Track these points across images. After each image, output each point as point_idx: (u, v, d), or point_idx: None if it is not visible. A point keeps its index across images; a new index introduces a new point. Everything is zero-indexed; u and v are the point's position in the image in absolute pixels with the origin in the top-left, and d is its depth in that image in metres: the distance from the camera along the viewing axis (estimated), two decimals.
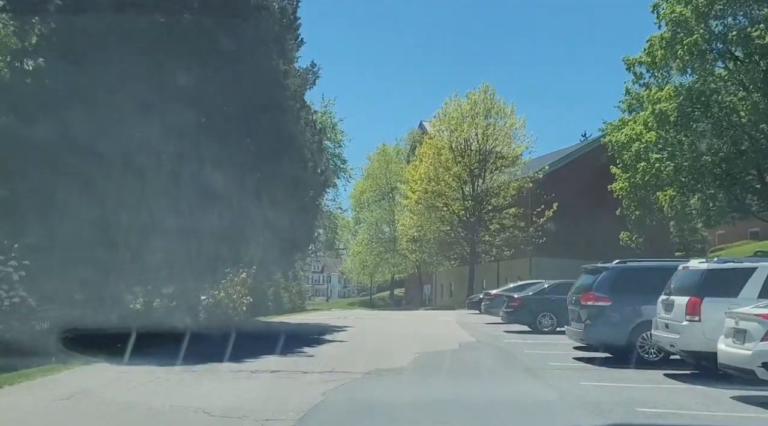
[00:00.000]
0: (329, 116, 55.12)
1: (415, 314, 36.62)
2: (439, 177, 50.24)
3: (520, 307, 21.57)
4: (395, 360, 13.94)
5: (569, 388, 10.44)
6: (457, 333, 21.82)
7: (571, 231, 52.23)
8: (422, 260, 56.90)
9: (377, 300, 73.80)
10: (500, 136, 49.97)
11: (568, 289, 22.12)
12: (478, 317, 31.26)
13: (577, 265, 47.35)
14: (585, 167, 54.19)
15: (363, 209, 63.71)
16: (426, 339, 19.20)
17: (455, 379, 12.13)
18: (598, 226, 52.79)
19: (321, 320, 29.34)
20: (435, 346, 17.14)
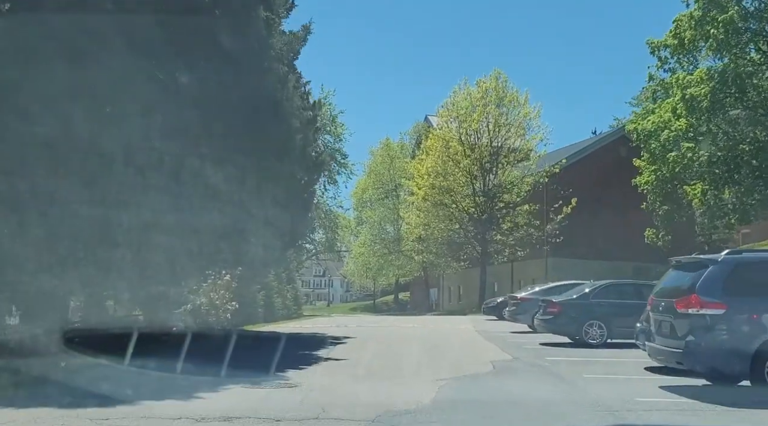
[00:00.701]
0: (328, 108, 50.81)
1: (424, 321, 32.21)
2: (448, 171, 45.90)
3: (561, 315, 17.12)
4: (412, 392, 9.54)
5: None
6: (484, 346, 17.42)
7: (590, 229, 47.92)
8: (429, 262, 52.45)
9: (381, 305, 69.34)
10: (513, 127, 45.63)
11: (619, 292, 17.84)
12: (498, 325, 26.89)
13: (597, 266, 43.13)
14: (604, 161, 49.89)
15: (365, 208, 59.30)
16: (447, 356, 14.88)
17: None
18: (620, 223, 48.46)
19: (317, 329, 24.94)
20: (462, 367, 12.76)
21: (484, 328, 24.40)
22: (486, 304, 32.28)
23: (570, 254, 48.15)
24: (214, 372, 10.37)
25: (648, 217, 46.48)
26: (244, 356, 12.28)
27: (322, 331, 23.32)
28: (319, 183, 51.68)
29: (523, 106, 45.50)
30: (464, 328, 24.95)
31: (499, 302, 31.57)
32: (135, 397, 9.09)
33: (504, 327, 25.02)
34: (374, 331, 23.83)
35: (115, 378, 10.33)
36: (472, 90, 45.80)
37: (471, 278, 55.44)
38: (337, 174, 51.46)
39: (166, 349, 12.41)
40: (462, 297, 58.59)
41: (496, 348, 16.57)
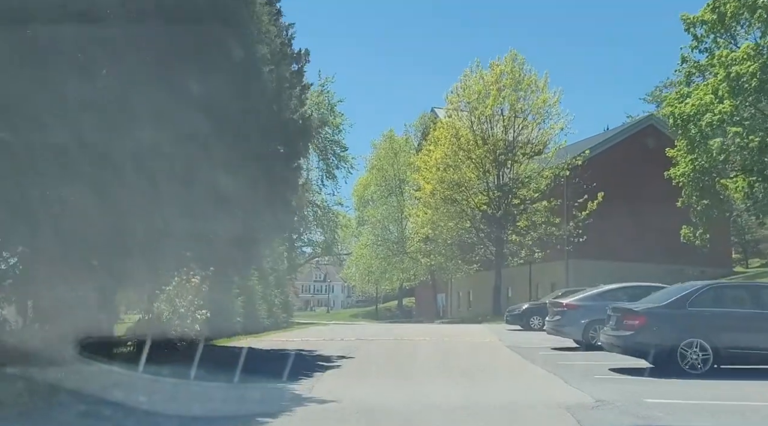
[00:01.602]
0: (327, 96, 45.70)
1: (436, 331, 26.96)
2: (458, 163, 40.75)
3: (645, 329, 11.68)
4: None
5: None
6: (534, 374, 12.19)
7: (616, 228, 42.70)
8: (437, 264, 47.14)
9: (384, 311, 64.03)
10: (531, 114, 40.48)
11: (730, 297, 12.56)
12: (529, 337, 21.72)
13: (625, 269, 37.86)
14: (630, 152, 44.67)
15: (367, 206, 53.99)
16: (491, 395, 9.64)
17: None
18: (649, 222, 43.26)
19: (306, 343, 19.73)
20: (524, 420, 7.55)
21: (514, 342, 19.14)
22: (509, 312, 27.02)
23: (593, 255, 42.98)
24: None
25: (680, 214, 41.41)
26: (187, 398, 7.21)
27: (311, 347, 18.08)
28: (317, 178, 46.62)
29: (542, 91, 40.35)
30: (490, 343, 19.72)
31: (525, 309, 26.38)
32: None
33: (538, 340, 19.85)
34: (377, 347, 18.60)
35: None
36: (484, 73, 40.69)
37: (482, 282, 50.20)
38: (335, 168, 46.28)
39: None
40: (472, 303, 53.26)
41: (556, 378, 11.28)
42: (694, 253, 43.54)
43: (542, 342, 19.33)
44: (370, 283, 58.42)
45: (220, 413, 8.02)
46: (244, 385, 9.94)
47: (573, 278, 43.67)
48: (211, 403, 8.48)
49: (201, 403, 8.46)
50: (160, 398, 8.76)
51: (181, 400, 8.71)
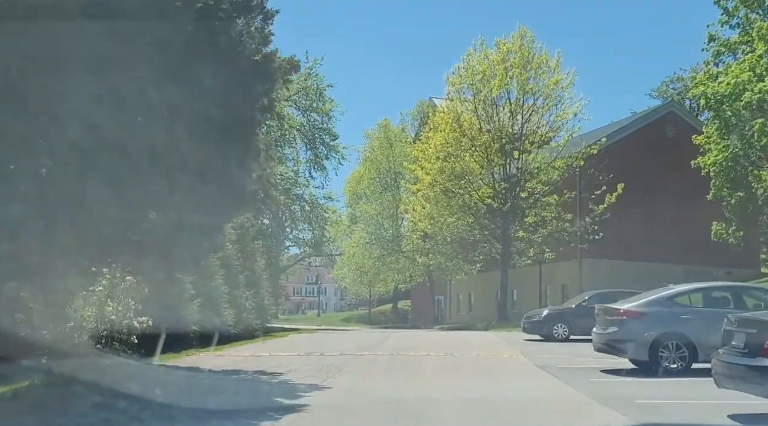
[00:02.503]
0: (315, 79, 41.02)
1: (438, 340, 22.28)
2: (460, 152, 36.07)
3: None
4: None
5: None
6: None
7: (633, 225, 38.10)
8: (436, 264, 42.36)
9: (377, 315, 59.17)
10: (542, 97, 35.80)
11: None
12: (558, 350, 17.07)
13: (643, 270, 33.08)
14: (649, 141, 40.09)
15: (360, 201, 49.17)
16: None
17: None
18: (671, 217, 38.68)
19: (277, 361, 15.00)
20: None
21: (545, 360, 14.42)
22: (528, 318, 22.23)
23: (608, 254, 38.35)
24: None
25: (705, 209, 36.84)
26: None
27: (277, 367, 13.33)
28: (304, 169, 41.95)
29: (554, 71, 35.67)
30: (514, 361, 15.02)
31: (547, 315, 21.68)
32: None
33: (571, 355, 15.28)
34: (366, 367, 13.89)
35: None
36: (489, 52, 36.01)
37: (484, 284, 45.50)
38: (325, 158, 41.57)
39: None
40: (474, 307, 48.51)
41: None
42: (719, 253, 38.97)
43: (580, 359, 14.70)
44: (363, 285, 53.57)
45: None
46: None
47: (586, 279, 39.01)
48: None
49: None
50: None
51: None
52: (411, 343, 20.95)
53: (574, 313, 21.17)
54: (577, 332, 20.95)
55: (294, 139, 42.02)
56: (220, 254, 21.28)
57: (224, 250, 22.46)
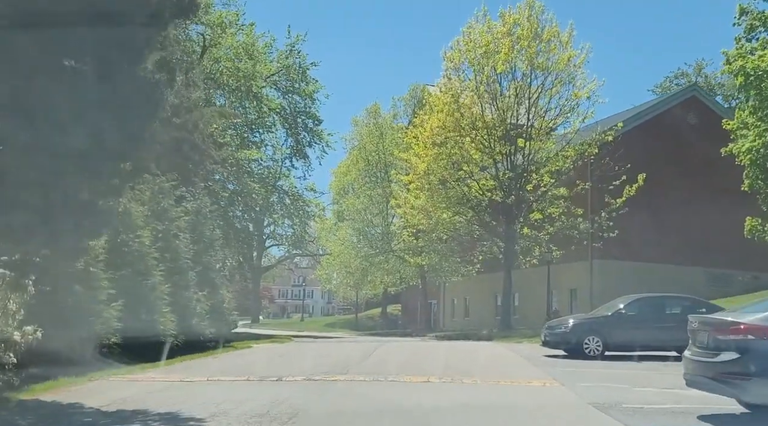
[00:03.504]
0: (297, 58, 36.27)
1: (437, 355, 17.61)
2: (459, 136, 31.40)
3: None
4: None
5: None
6: None
7: (650, 222, 33.60)
8: (430, 265, 37.58)
9: (365, 320, 54.31)
10: (552, 74, 31.14)
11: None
12: (605, 375, 12.41)
13: (660, 272, 28.23)
14: (671, 128, 35.60)
15: (347, 195, 44.28)
16: None
17: None
18: (693, 214, 34.22)
19: (208, 395, 10.27)
20: None
21: (599, 394, 9.75)
22: (551, 329, 17.38)
23: (623, 255, 33.79)
24: None
25: (731, 205, 32.39)
26: None
27: (197, 408, 8.52)
28: (284, 157, 37.14)
29: (566, 46, 31.03)
30: (556, 395, 10.30)
31: (575, 326, 16.90)
32: None
33: (629, 384, 10.62)
34: (335, 409, 9.10)
35: None
36: (493, 24, 31.37)
37: (483, 287, 40.85)
38: (307, 146, 36.77)
39: None
40: (470, 312, 43.79)
41: None
42: (745, 255, 34.45)
43: (644, 391, 10.02)
44: (349, 287, 48.69)
45: None
46: None
47: (598, 282, 34.44)
48: None
49: None
50: None
51: None
52: (402, 359, 16.20)
53: (610, 323, 16.52)
54: (612, 347, 16.31)
55: (274, 124, 37.23)
56: (159, 245, 16.56)
57: (170, 240, 17.75)
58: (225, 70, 34.57)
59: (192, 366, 13.79)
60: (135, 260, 15.11)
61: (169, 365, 13.49)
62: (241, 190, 32.47)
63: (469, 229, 33.91)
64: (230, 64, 34.52)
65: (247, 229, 32.81)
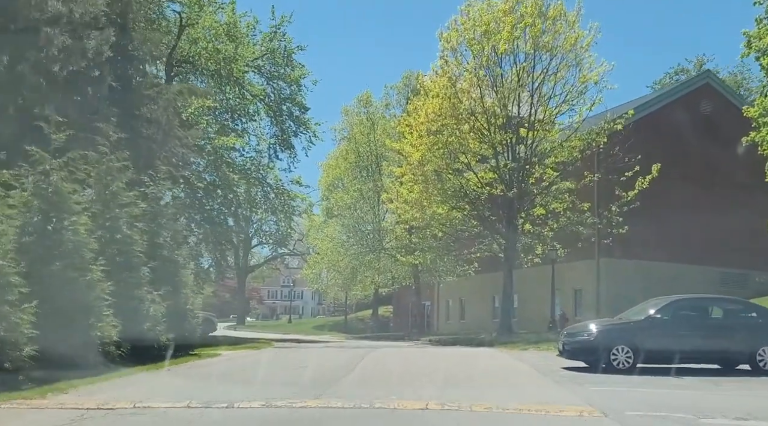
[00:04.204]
0: (282, 40, 33.39)
1: (436, 364, 14.85)
2: (457, 123, 28.56)
3: None
4: None
5: None
6: None
7: (662, 219, 30.99)
8: (424, 263, 34.72)
9: (355, 322, 51.40)
10: (558, 57, 28.35)
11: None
12: (657, 399, 9.57)
13: (672, 272, 26.02)
14: (683, 118, 32.89)
15: (336, 189, 41.30)
16: None
17: None
18: (707, 211, 31.57)
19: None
20: None
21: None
22: (570, 336, 14.40)
23: (631, 254, 31.10)
24: None
25: (748, 200, 29.93)
26: None
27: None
28: (267, 148, 34.21)
29: (573, 26, 28.24)
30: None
31: (600, 333, 13.98)
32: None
33: (693, 411, 7.76)
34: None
35: None
36: (494, 1, 28.55)
37: (479, 288, 38.09)
38: (293, 135, 33.84)
39: None
40: (466, 314, 40.96)
41: None
42: (762, 254, 31.91)
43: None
44: (338, 288, 45.70)
45: None
46: None
47: (605, 283, 31.74)
48: None
49: None
50: None
51: None
52: (393, 373, 13.33)
53: (642, 330, 13.66)
54: (646, 358, 13.46)
55: (257, 113, 34.32)
56: (98, 234, 13.64)
57: (118, 229, 14.83)
58: (203, 53, 31.72)
59: (125, 384, 10.86)
60: (67, 252, 12.20)
61: (94, 383, 10.56)
62: (221, 182, 29.57)
63: (467, 225, 31.08)
64: (209, 46, 31.67)
65: (225, 223, 29.82)
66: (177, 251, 17.42)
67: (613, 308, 30.58)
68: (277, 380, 11.71)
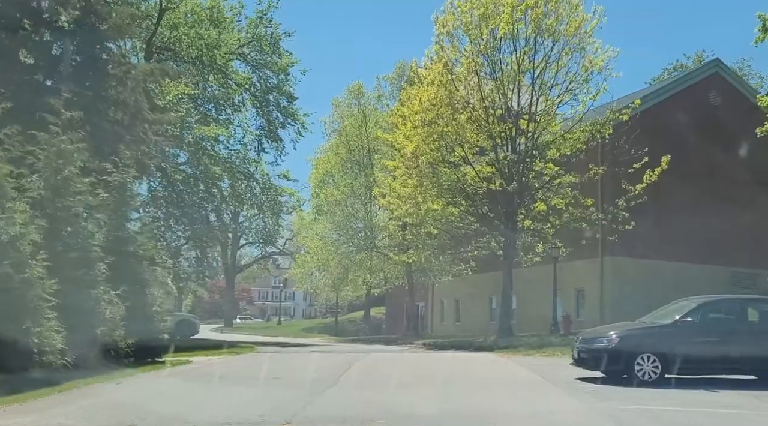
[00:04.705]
0: (269, 26, 31.45)
1: (433, 373, 12.96)
2: (453, 113, 26.70)
3: None
4: None
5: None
6: None
7: (671, 215, 29.24)
8: (418, 263, 32.81)
9: (346, 324, 49.47)
10: (560, 42, 26.50)
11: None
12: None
13: (680, 271, 24.28)
14: (690, 109, 31.11)
15: (326, 185, 39.31)
16: None
17: None
18: (717, 206, 29.81)
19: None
20: None
21: None
22: (587, 343, 12.38)
23: (636, 252, 29.26)
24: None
25: (760, 195, 28.13)
26: None
27: None
28: (252, 141, 32.27)
29: (576, 9, 26.42)
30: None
31: (623, 339, 12.07)
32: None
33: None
34: None
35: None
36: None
37: (476, 288, 36.22)
38: (280, 127, 31.91)
39: None
40: (461, 316, 39.09)
41: None
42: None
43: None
44: (328, 288, 43.72)
45: None
46: None
47: (609, 282, 29.90)
48: None
49: None
50: None
51: None
52: (383, 386, 11.45)
53: (670, 335, 11.80)
54: (675, 368, 11.58)
55: (243, 104, 32.37)
56: (42, 225, 11.70)
57: (69, 220, 12.91)
58: (184, 38, 29.79)
59: (57, 402, 8.90)
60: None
61: (47, 396, 8.64)
62: (202, 175, 27.62)
63: (464, 222, 29.21)
64: (191, 32, 29.74)
65: (207, 219, 27.85)
66: (144, 247, 15.44)
67: (617, 309, 28.81)
68: (243, 396, 9.82)
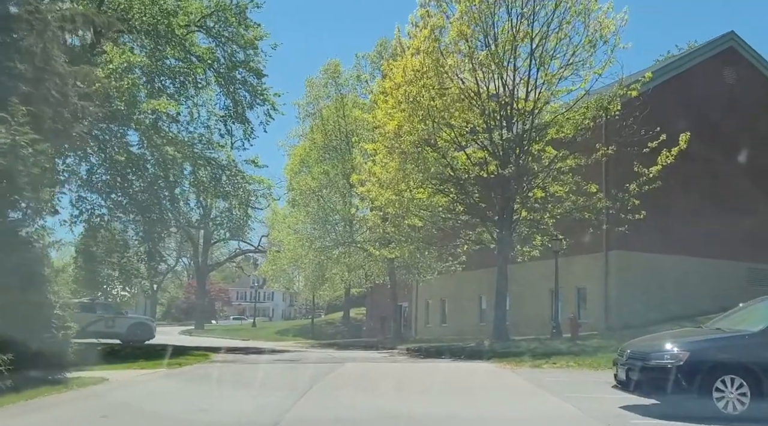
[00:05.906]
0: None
1: (424, 392, 9.00)
2: (441, 83, 23.08)
3: None
4: None
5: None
6: None
7: (683, 205, 25.83)
8: (401, 258, 29.06)
9: (324, 326, 45.63)
10: (561, 7, 22.96)
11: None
12: None
13: (698, 267, 20.87)
14: (702, 87, 27.70)
15: (300, 174, 35.33)
16: None
17: None
18: (741, 193, 26.43)
19: None
20: None
21: None
22: (636, 360, 8.77)
23: (643, 246, 25.75)
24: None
25: None
26: None
27: None
28: (216, 122, 28.36)
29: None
30: None
31: (694, 355, 8.37)
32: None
33: None
34: None
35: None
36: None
37: (464, 287, 32.61)
38: (248, 108, 27.97)
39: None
40: (448, 317, 35.42)
41: None
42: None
43: None
44: (303, 286, 39.80)
45: None
46: None
47: (615, 280, 26.36)
48: None
49: None
50: None
51: None
52: (352, 416, 7.72)
53: (761, 347, 8.14)
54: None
55: (207, 82, 28.43)
56: None
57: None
58: (136, 7, 25.89)
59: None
60: None
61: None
62: (151, 158, 23.74)
63: (453, 212, 25.57)
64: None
65: (160, 208, 23.92)
66: (39, 233, 11.59)
67: (623, 310, 25.46)
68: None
